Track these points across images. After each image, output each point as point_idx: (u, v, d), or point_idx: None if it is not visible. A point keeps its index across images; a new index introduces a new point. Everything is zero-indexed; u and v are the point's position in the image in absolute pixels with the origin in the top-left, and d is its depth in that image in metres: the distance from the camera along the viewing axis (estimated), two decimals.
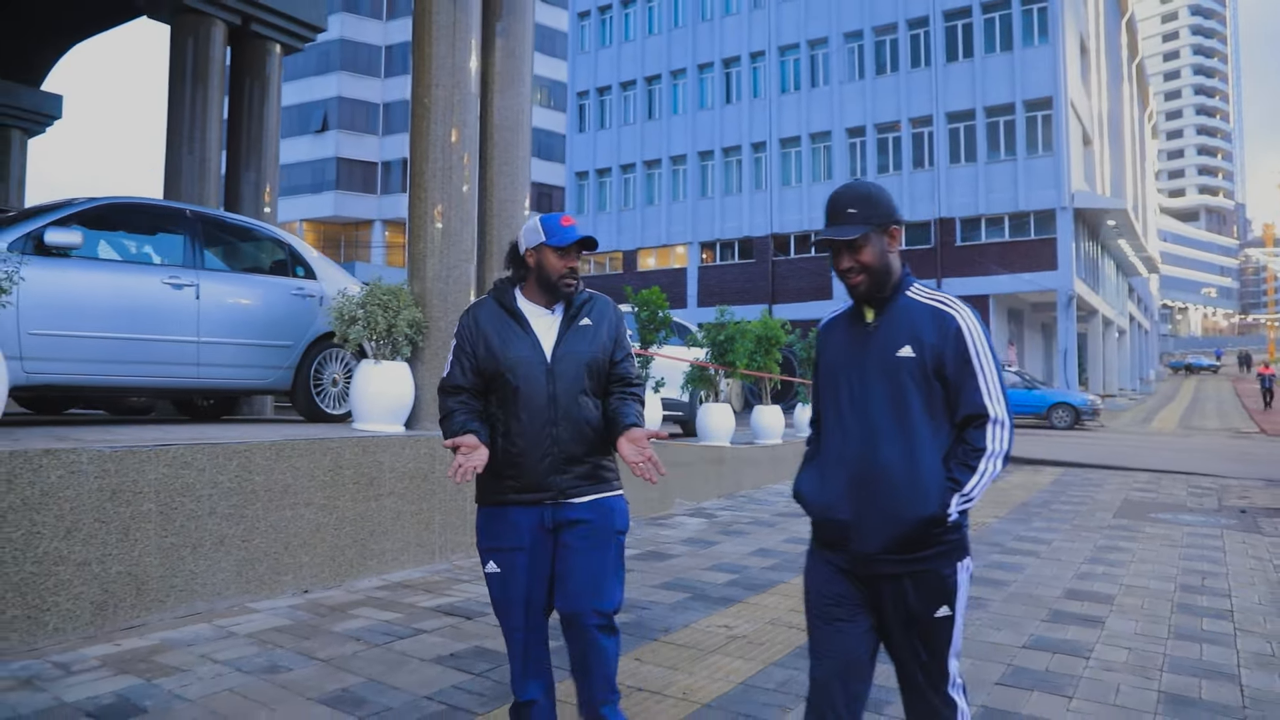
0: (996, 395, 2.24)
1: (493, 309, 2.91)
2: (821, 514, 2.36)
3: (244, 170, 9.76)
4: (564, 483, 2.78)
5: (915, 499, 2.20)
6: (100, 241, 5.85)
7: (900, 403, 2.25)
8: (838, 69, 33.15)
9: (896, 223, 2.34)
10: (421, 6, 6.75)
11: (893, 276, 2.34)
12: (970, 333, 2.26)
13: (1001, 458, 2.24)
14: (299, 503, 5.28)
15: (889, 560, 2.26)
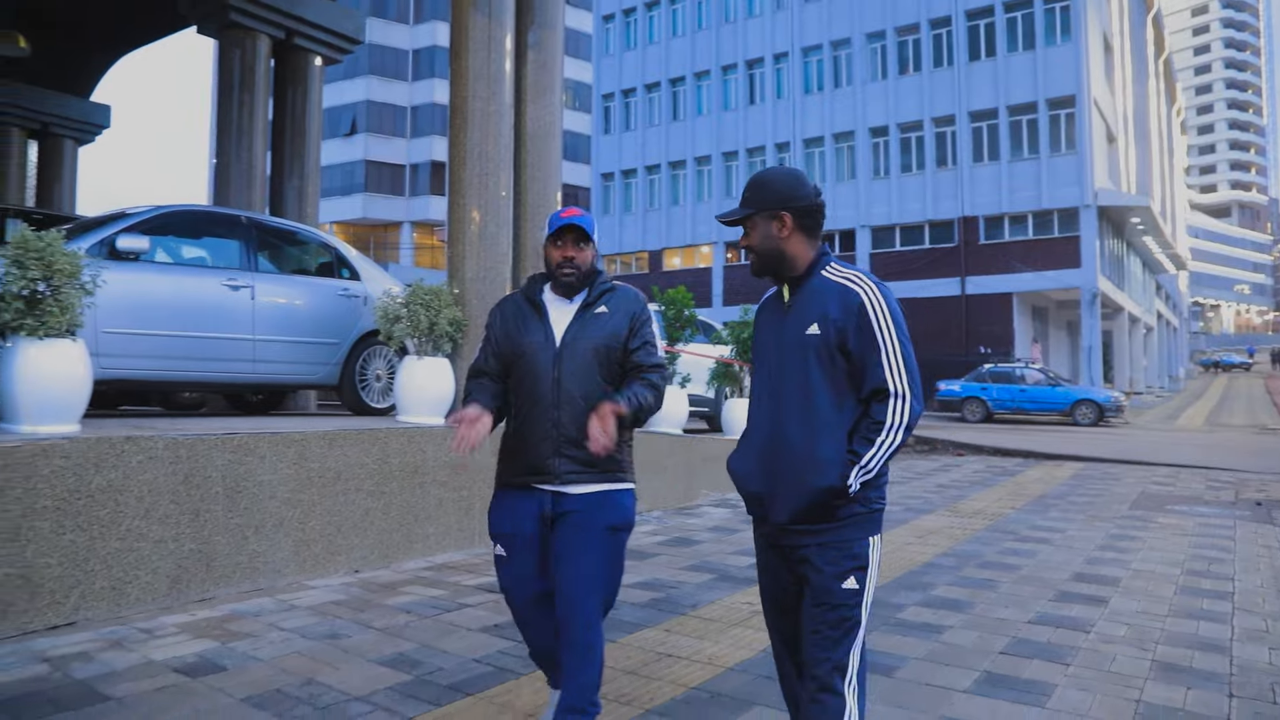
0: (898, 370, 2.27)
1: (518, 300, 3.03)
2: (740, 486, 2.46)
3: (287, 176, 10.22)
4: (563, 467, 2.81)
5: (815, 471, 2.26)
6: (165, 246, 6.28)
7: (805, 379, 2.32)
8: (861, 69, 33.35)
9: (789, 209, 2.37)
10: (459, 21, 7.13)
11: (790, 259, 2.40)
12: (874, 308, 2.29)
13: (902, 430, 2.27)
14: (350, 489, 5.67)
15: (797, 531, 2.33)
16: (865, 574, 2.33)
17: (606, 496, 2.85)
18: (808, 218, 2.39)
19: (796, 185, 2.41)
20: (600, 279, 2.99)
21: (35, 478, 4.28)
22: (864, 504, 2.32)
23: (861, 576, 2.33)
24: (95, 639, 4.20)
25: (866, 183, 32.85)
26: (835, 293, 2.32)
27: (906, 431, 2.27)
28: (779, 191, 2.40)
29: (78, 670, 3.78)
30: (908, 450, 16.62)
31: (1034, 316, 34.08)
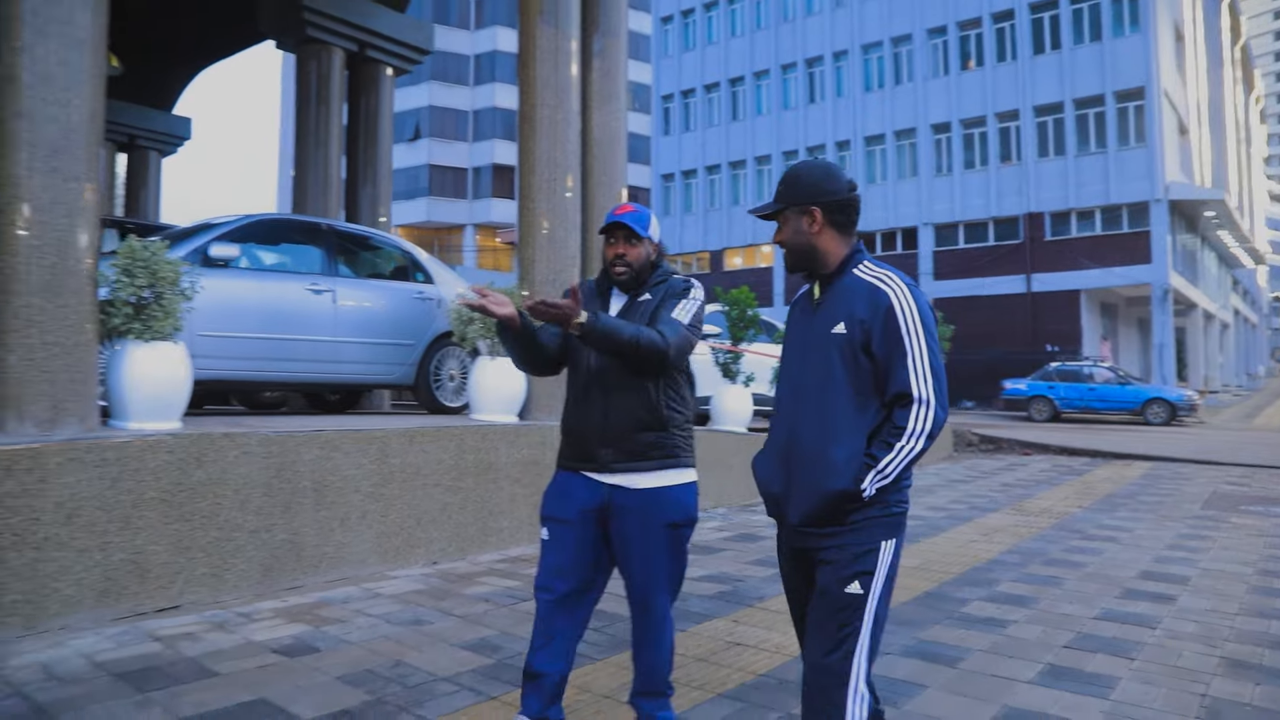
0: (923, 375, 2.20)
1: (590, 288, 3.07)
2: (762, 488, 2.43)
3: (361, 184, 10.60)
4: (608, 456, 2.81)
5: (829, 473, 2.21)
6: (253, 253, 6.61)
7: (827, 379, 2.27)
8: (922, 65, 33.03)
9: (820, 204, 2.34)
10: (526, 31, 7.36)
11: (821, 255, 2.36)
12: (903, 310, 2.23)
13: (924, 437, 2.20)
14: (428, 484, 5.92)
15: (810, 534, 2.30)
16: (872, 579, 2.25)
17: (665, 492, 2.83)
18: (839, 213, 2.35)
19: (827, 179, 2.36)
20: (659, 272, 2.98)
21: (143, 471, 4.60)
22: (880, 507, 2.25)
23: (867, 581, 2.25)
24: (199, 621, 4.50)
25: (929, 180, 32.51)
26: (864, 292, 2.28)
27: (929, 439, 2.20)
28: (809, 186, 2.35)
29: (186, 649, 4.06)
30: (972, 449, 16.51)
31: (1103, 314, 33.40)
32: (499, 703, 3.52)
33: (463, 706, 3.45)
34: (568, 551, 2.84)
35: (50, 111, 4.45)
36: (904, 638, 4.46)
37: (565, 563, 2.84)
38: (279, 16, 10.21)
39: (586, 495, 2.84)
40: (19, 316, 4.41)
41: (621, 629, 4.37)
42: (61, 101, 4.48)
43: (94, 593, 4.42)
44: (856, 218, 2.39)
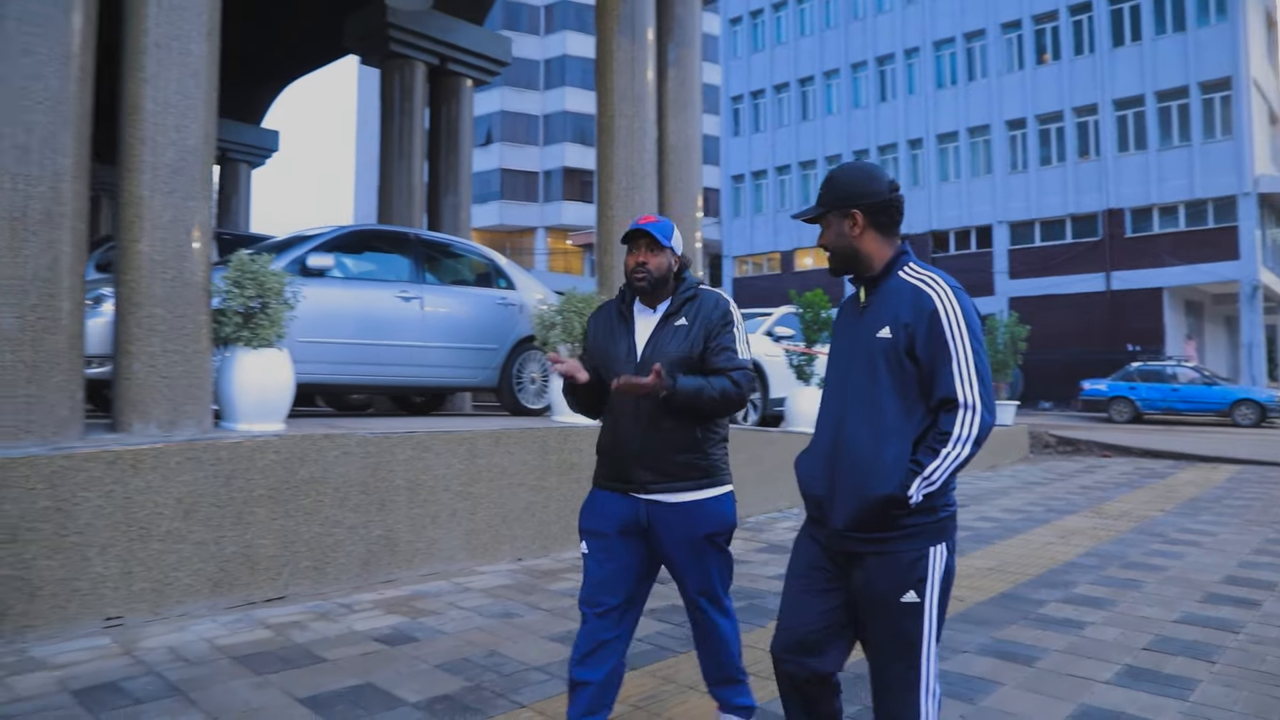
0: (969, 379, 2.17)
1: (609, 310, 3.06)
2: (803, 488, 2.42)
3: (443, 193, 10.96)
4: (645, 477, 2.82)
5: (874, 477, 2.19)
6: (346, 262, 6.94)
7: (873, 383, 2.25)
8: (995, 60, 32.46)
9: (861, 206, 2.33)
10: (604, 43, 7.57)
11: (864, 258, 2.36)
12: (947, 313, 2.21)
13: (970, 443, 2.16)
14: (514, 483, 6.16)
15: (855, 538, 2.27)
16: (925, 585, 2.24)
17: (701, 505, 2.84)
18: (881, 215, 2.34)
19: (868, 181, 2.34)
20: (685, 285, 2.97)
21: (253, 470, 4.91)
22: (928, 513, 2.22)
23: (922, 588, 2.23)
24: (304, 611, 4.79)
25: (1003, 177, 31.95)
26: (909, 295, 2.25)
27: (975, 445, 2.17)
28: (849, 188, 2.34)
29: (295, 636, 4.35)
30: (1049, 450, 16.26)
31: (1187, 312, 32.41)
32: None
33: (555, 694, 3.65)
34: (609, 565, 2.86)
35: (170, 136, 4.79)
36: (980, 636, 4.54)
37: (607, 576, 2.86)
38: (365, 34, 10.62)
39: (623, 510, 2.86)
40: (142, 326, 4.76)
41: None
42: (179, 127, 4.83)
43: (209, 583, 4.75)
44: (900, 219, 2.36)
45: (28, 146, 4.32)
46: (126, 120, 4.79)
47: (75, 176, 4.49)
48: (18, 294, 4.34)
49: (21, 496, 4.17)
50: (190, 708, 3.44)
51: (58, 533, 4.27)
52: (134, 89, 4.78)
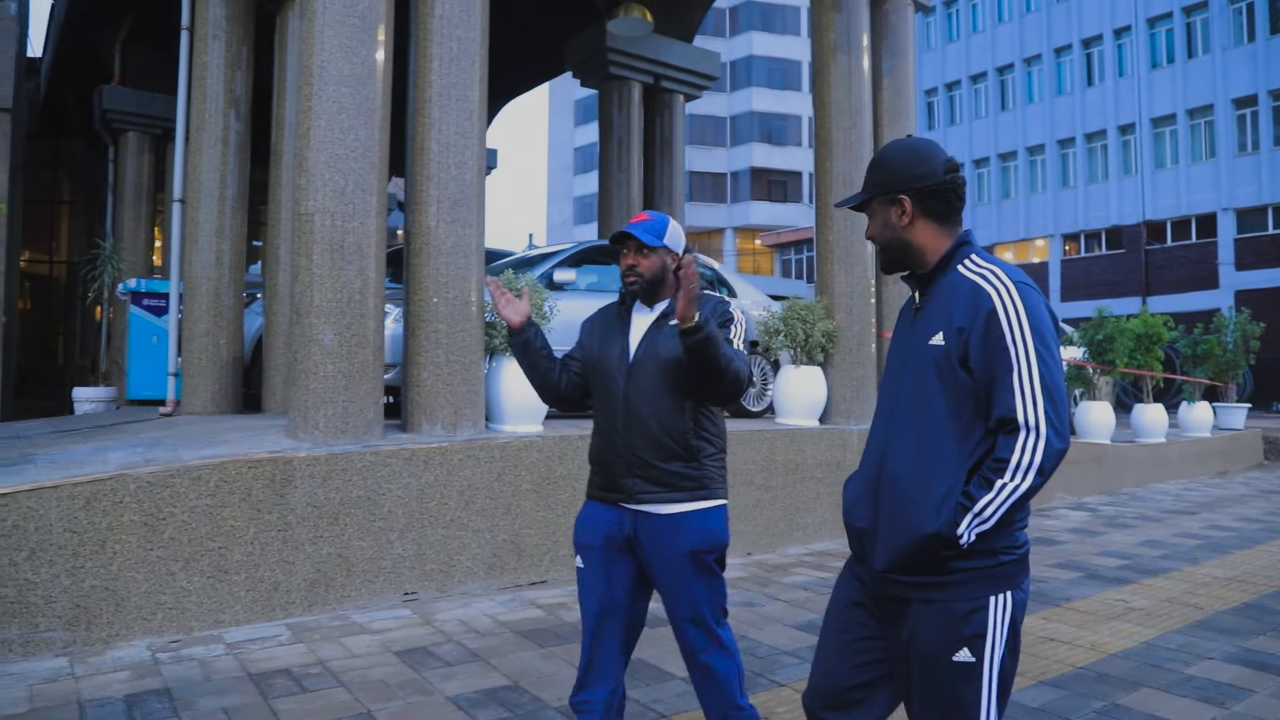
0: (1033, 395, 1.81)
1: (608, 312, 2.91)
2: (845, 518, 2.12)
3: (659, 204, 11.53)
4: (634, 486, 2.65)
5: (920, 512, 1.87)
6: (584, 276, 7.54)
7: (923, 399, 1.93)
8: (1220, 34, 30.07)
9: (909, 191, 2.00)
10: (821, 60, 7.85)
11: (916, 251, 2.04)
12: (1008, 313, 1.85)
13: (1031, 472, 1.81)
14: (742, 482, 6.55)
15: (898, 582, 1.94)
16: (985, 644, 1.87)
17: (687, 519, 2.63)
18: (935, 200, 2.00)
19: (917, 161, 2.00)
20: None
21: (520, 467, 5.53)
22: (984, 556, 1.87)
23: (980, 646, 1.87)
24: (565, 594, 5.35)
25: (1229, 161, 29.55)
26: (966, 293, 1.91)
27: (1039, 475, 1.81)
28: (896, 170, 2.02)
29: (565, 616, 4.90)
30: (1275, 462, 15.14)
31: None
32: None
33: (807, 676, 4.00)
34: (599, 580, 2.73)
35: (451, 173, 5.48)
36: (1226, 645, 4.54)
37: (599, 591, 2.73)
38: (586, 58, 11.33)
39: (611, 521, 2.71)
40: (429, 339, 5.47)
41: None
42: (459, 164, 5.50)
43: (484, 566, 5.39)
44: (959, 204, 2.02)
45: (344, 189, 5.08)
46: (414, 160, 5.51)
47: (378, 212, 5.23)
48: (336, 314, 5.11)
49: (341, 486, 4.93)
50: (492, 671, 4.01)
51: (368, 518, 5.00)
52: (421, 133, 5.49)
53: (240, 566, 4.61)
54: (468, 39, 5.54)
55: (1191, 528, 8.19)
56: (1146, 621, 4.99)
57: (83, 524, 4.23)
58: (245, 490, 4.63)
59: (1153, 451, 11.77)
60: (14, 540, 4.07)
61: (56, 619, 4.15)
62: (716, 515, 2.69)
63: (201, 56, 7.81)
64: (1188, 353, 14.09)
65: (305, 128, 5.06)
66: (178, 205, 7.96)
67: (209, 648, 4.27)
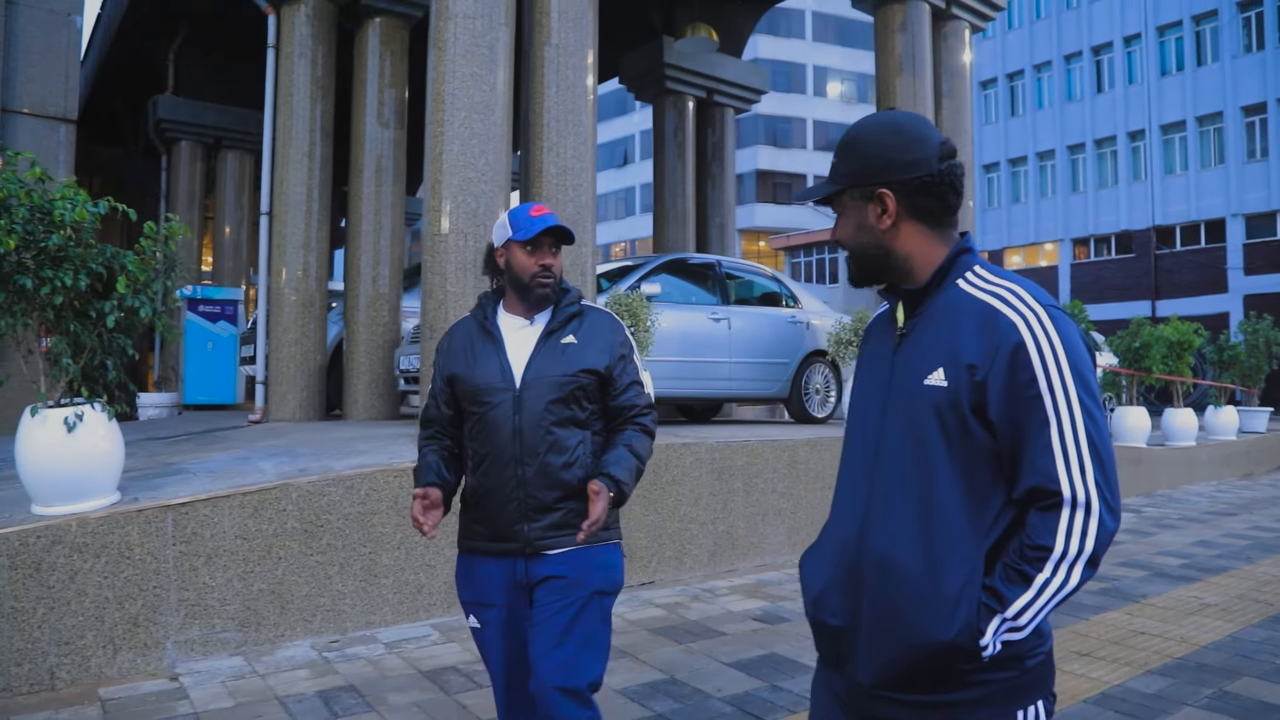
0: (1079, 459, 1.35)
1: (469, 327, 2.51)
2: (810, 611, 1.61)
3: (710, 215, 11.85)
4: (533, 532, 2.31)
5: (924, 614, 1.41)
6: (669, 289, 7.83)
7: (920, 455, 1.46)
8: (1229, 42, 30.48)
9: (892, 183, 1.50)
10: (885, 81, 8.17)
11: (900, 261, 1.54)
12: (1041, 349, 1.39)
13: (1080, 563, 1.35)
14: (825, 485, 6.85)
15: (891, 701, 1.47)
16: None
17: (589, 555, 2.34)
18: (927, 196, 1.50)
19: (903, 145, 1.50)
20: (567, 297, 2.47)
21: None
22: (1010, 665, 1.42)
23: None
24: (676, 594, 5.65)
25: (1238, 167, 29.96)
26: (975, 319, 1.44)
27: (1090, 566, 1.36)
28: (875, 156, 1.51)
29: (685, 614, 5.19)
30: None
31: None
32: None
33: None
34: (503, 641, 2.38)
35: (569, 194, 5.78)
36: None
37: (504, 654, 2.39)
38: (643, 73, 11.66)
39: (507, 574, 2.36)
40: None
41: None
42: (575, 185, 5.80)
43: None
44: (956, 201, 1.52)
45: (475, 211, 5.37)
46: (532, 182, 5.80)
47: None
48: None
49: None
50: (644, 666, 4.31)
51: None
52: (538, 156, 5.79)
53: (388, 570, 4.89)
54: (580, 67, 5.85)
55: (1236, 529, 8.51)
56: (1225, 616, 5.30)
57: (251, 531, 4.51)
58: (392, 498, 4.91)
59: (1184, 454, 12.12)
60: (193, 546, 4.35)
61: (230, 620, 4.43)
62: (616, 553, 2.43)
63: (288, 75, 8.09)
64: (1214, 359, 14.44)
65: (438, 152, 5.36)
66: (265, 218, 8.24)
67: (369, 647, 4.55)
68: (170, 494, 4.49)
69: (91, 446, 4.21)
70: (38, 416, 4.12)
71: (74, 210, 3.96)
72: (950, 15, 8.66)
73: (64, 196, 4.08)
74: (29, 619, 3.91)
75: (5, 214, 3.89)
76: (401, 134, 8.46)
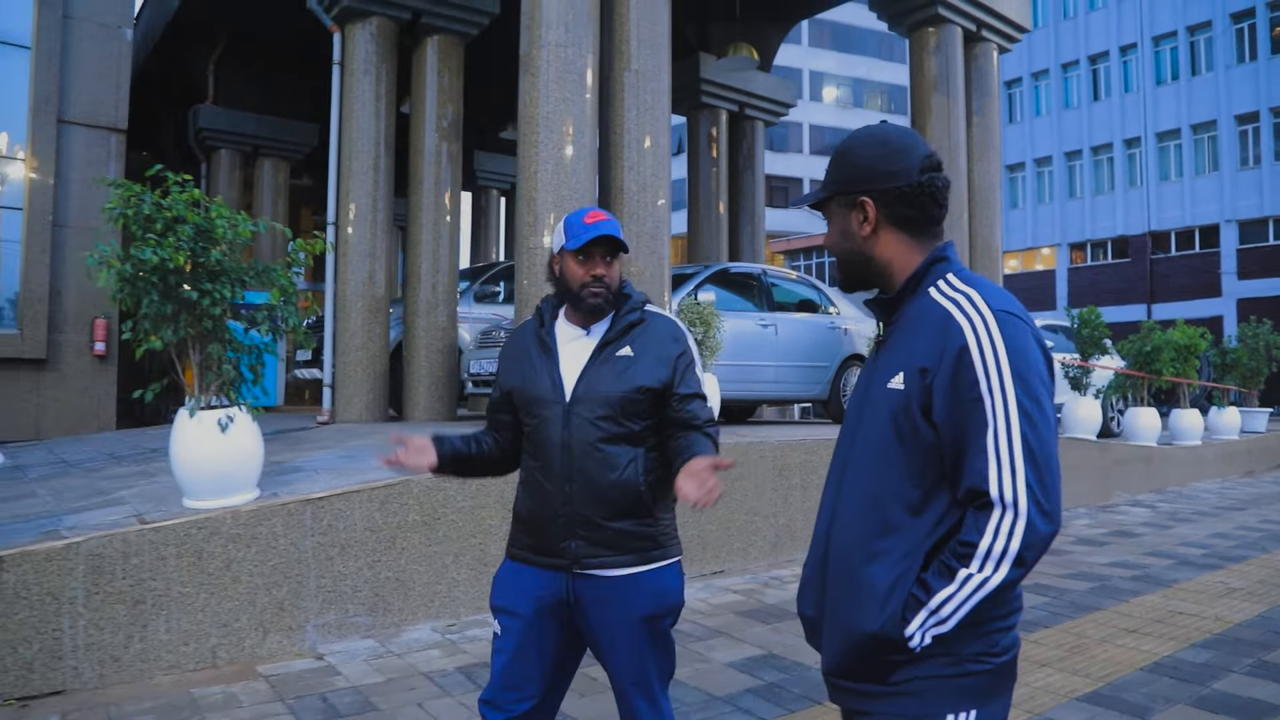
0: (1011, 462, 1.40)
1: (528, 331, 2.46)
2: (797, 601, 1.72)
3: (742, 224, 12.30)
4: (579, 550, 2.25)
5: (863, 603, 1.49)
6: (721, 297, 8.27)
7: (877, 456, 1.54)
8: (1223, 53, 31.15)
9: (874, 192, 1.59)
10: (921, 100, 8.63)
11: (879, 267, 1.62)
12: (983, 352, 1.43)
13: (1005, 562, 1.39)
14: None
15: (843, 690, 1.57)
16: None
17: (639, 580, 2.26)
18: (906, 205, 1.58)
19: (886, 156, 1.58)
20: (629, 304, 2.38)
21: None
22: (948, 662, 1.46)
23: None
24: (748, 581, 6.08)
25: (1231, 174, 30.63)
26: (934, 324, 1.50)
27: (1017, 566, 1.40)
28: (858, 166, 1.61)
29: (761, 598, 5.63)
30: None
31: None
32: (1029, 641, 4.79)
33: None
34: (523, 654, 2.32)
35: (648, 209, 6.21)
36: None
37: (520, 669, 2.32)
38: (679, 88, 12.02)
39: (544, 585, 2.31)
40: None
41: None
42: (654, 201, 6.24)
43: None
44: (938, 212, 1.60)
45: None
46: (614, 198, 6.23)
47: None
48: None
49: None
50: (742, 644, 4.74)
51: None
52: (618, 174, 6.22)
53: (496, 560, 5.29)
54: (657, 91, 6.28)
55: (1248, 522, 9.01)
56: (1252, 599, 5.78)
57: (379, 523, 4.92)
58: (499, 493, 5.32)
59: (1191, 453, 12.64)
60: (329, 537, 4.76)
61: (361, 605, 4.84)
62: (672, 574, 2.34)
63: (351, 91, 8.49)
64: (1216, 361, 14.97)
65: (532, 170, 5.78)
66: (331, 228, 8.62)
67: (485, 630, 4.96)
68: (304, 490, 4.89)
69: (240, 446, 4.62)
70: (195, 418, 4.52)
71: (236, 230, 4.37)
72: (980, 38, 9.15)
73: (220, 215, 4.48)
74: (193, 603, 4.31)
75: (173, 233, 4.29)
76: (457, 146, 8.87)
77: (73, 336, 9.83)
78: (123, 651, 4.12)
